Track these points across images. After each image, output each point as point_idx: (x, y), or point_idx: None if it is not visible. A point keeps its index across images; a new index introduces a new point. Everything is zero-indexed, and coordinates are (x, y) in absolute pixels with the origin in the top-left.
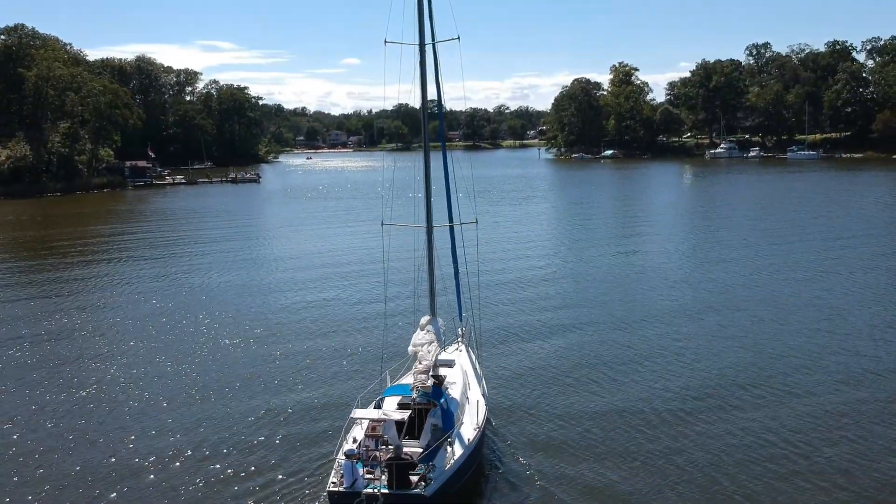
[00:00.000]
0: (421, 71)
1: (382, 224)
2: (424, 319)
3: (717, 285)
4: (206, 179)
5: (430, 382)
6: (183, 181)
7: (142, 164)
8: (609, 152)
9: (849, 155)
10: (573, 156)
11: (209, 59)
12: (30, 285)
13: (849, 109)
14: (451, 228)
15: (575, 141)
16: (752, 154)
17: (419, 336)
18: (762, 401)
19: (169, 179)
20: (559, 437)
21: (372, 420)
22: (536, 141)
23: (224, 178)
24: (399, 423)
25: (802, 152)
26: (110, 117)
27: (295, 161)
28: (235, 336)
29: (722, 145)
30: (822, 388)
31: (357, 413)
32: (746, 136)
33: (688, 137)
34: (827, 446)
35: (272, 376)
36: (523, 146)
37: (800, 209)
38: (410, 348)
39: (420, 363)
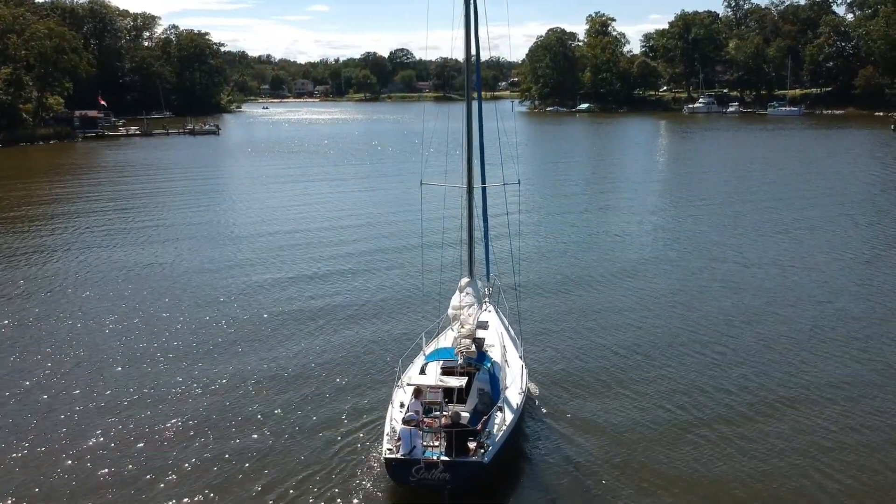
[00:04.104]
0: (465, 20)
1: (422, 183)
2: (464, 281)
3: (730, 249)
4: (163, 131)
5: (473, 347)
6: (137, 132)
7: (93, 113)
8: (584, 106)
9: (830, 111)
10: (548, 109)
11: (170, 3)
12: None
13: (830, 64)
14: (484, 190)
15: (550, 93)
16: (730, 109)
17: (458, 298)
18: None
19: (122, 130)
20: (588, 383)
21: (430, 387)
22: (508, 93)
23: (181, 130)
24: (452, 390)
25: (784, 108)
26: (57, 63)
27: (259, 111)
28: (259, 304)
29: (700, 100)
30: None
31: (413, 380)
32: (725, 91)
33: (664, 91)
34: None
35: (311, 337)
36: (495, 98)
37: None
38: (450, 311)
39: (463, 327)
